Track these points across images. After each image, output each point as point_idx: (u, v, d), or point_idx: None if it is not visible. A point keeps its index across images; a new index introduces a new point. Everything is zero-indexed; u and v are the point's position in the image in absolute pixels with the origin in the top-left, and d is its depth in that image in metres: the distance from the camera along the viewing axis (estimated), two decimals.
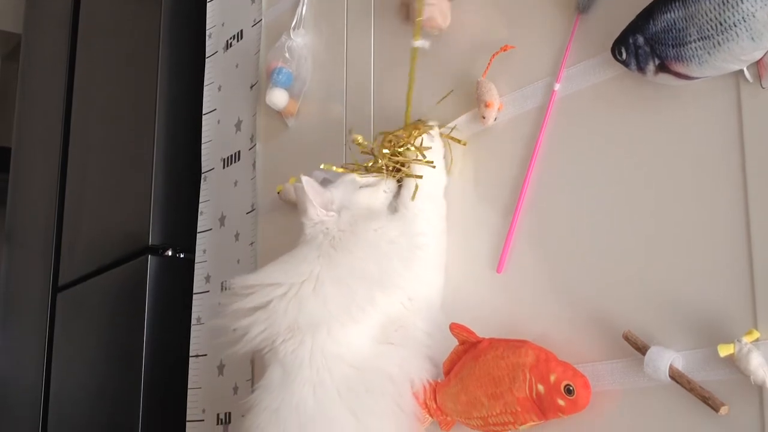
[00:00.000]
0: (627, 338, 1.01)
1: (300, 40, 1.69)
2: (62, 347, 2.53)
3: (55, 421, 2.48)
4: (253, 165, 1.81)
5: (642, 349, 0.99)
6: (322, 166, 1.41)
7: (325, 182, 1.52)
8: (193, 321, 1.91)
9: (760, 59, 0.92)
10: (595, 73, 1.12)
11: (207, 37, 2.07)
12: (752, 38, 0.90)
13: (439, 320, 1.25)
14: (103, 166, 2.46)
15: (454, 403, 1.18)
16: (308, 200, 1.28)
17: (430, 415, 1.24)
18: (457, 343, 1.20)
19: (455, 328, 1.19)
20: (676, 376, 0.95)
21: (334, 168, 1.38)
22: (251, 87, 1.88)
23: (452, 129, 1.30)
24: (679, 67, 0.96)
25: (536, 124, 1.19)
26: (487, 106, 1.23)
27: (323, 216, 1.28)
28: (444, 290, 1.29)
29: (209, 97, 2.03)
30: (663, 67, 0.98)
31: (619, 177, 1.08)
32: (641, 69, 1.01)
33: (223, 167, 1.94)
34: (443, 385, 1.22)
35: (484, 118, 1.24)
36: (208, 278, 1.92)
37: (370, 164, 1.33)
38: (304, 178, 1.28)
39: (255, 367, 1.67)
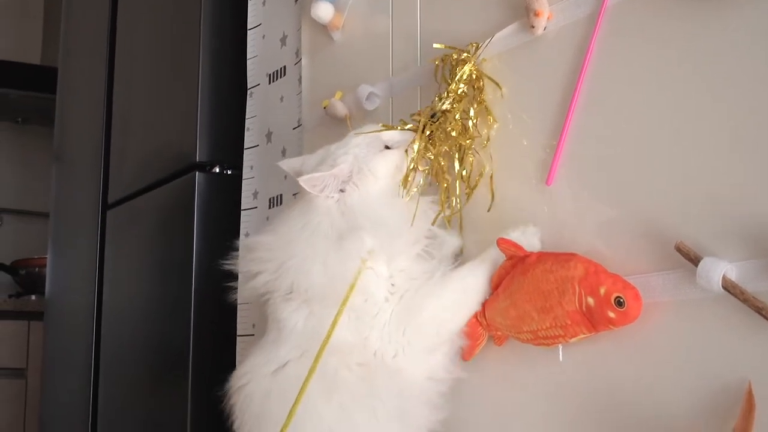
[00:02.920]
0: (679, 249, 0.99)
1: None
2: (113, 264, 2.57)
3: (107, 335, 2.54)
4: (299, 80, 1.80)
5: (694, 260, 0.97)
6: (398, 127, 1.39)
7: (371, 96, 1.51)
8: (242, 236, 1.93)
9: None
10: None
11: None
12: None
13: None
14: (149, 84, 2.46)
15: (503, 317, 1.18)
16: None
17: (486, 330, 1.24)
18: (505, 258, 1.19)
19: (503, 243, 1.18)
20: (729, 287, 0.94)
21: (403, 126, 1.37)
22: (296, 1, 1.86)
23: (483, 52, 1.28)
24: None
25: (587, 33, 1.17)
26: (536, 14, 1.20)
27: (328, 198, 1.30)
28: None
29: (254, 12, 2.01)
30: None
31: (672, 85, 1.05)
32: None
33: (269, 83, 1.93)
34: (492, 300, 1.21)
35: (533, 27, 1.22)
36: (255, 194, 1.92)
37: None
38: (299, 179, 1.28)
39: None
